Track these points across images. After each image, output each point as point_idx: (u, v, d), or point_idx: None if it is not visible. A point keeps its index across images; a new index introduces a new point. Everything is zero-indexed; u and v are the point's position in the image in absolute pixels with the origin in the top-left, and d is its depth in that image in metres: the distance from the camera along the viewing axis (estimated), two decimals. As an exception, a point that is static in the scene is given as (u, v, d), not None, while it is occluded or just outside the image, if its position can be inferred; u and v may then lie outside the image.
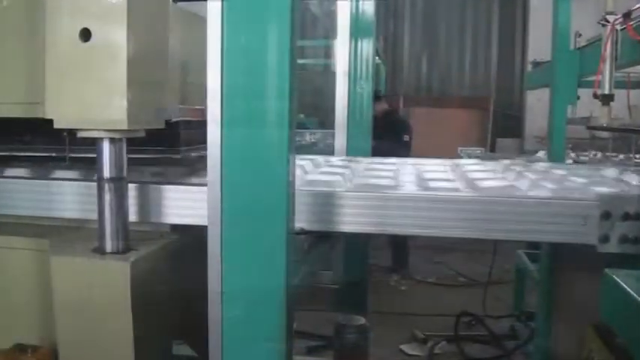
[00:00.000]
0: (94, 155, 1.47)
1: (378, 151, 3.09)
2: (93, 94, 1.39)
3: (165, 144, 1.70)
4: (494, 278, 4.94)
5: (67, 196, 1.63)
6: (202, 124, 1.29)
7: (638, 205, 1.46)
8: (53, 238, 1.64)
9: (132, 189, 1.55)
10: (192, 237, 1.66)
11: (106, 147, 1.44)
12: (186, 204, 1.55)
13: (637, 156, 3.79)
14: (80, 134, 1.44)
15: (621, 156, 3.71)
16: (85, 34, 1.37)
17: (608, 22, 2.48)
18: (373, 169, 2.12)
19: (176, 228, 1.65)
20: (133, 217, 1.56)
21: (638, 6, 2.30)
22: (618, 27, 2.44)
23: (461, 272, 5.92)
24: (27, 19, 1.62)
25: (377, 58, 6.24)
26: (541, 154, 3.80)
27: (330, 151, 2.95)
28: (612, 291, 1.08)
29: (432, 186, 1.67)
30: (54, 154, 1.78)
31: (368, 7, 3.08)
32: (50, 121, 1.43)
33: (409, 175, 1.99)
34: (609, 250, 1.46)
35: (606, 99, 2.56)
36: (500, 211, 1.49)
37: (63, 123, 1.43)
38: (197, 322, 1.44)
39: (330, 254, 2.46)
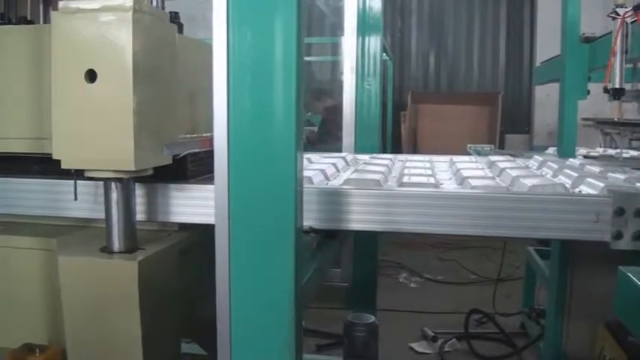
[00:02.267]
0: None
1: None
2: (99, 135, 1.37)
3: (173, 176, 1.64)
4: (505, 275, 4.91)
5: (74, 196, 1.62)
6: (211, 153, 1.27)
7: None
8: (60, 238, 1.63)
9: (139, 188, 1.55)
10: (200, 236, 1.65)
11: (114, 186, 1.44)
12: (193, 203, 1.54)
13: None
14: (87, 174, 1.43)
15: (632, 152, 3.66)
16: (91, 76, 1.35)
17: (618, 15, 2.45)
18: (409, 167, 2.12)
19: (184, 227, 1.64)
20: (140, 216, 1.55)
21: (649, -2, 2.27)
22: (628, 20, 2.41)
23: (471, 269, 5.90)
24: (34, 54, 1.62)
25: (384, 54, 6.23)
26: (551, 150, 3.76)
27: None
28: (627, 289, 1.06)
29: (474, 184, 1.66)
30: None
31: (375, 3, 3.06)
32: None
33: (445, 173, 1.99)
34: (623, 247, 1.44)
35: (617, 93, 2.53)
36: (510, 208, 1.47)
37: (70, 163, 1.42)
38: (206, 320, 1.43)
39: (340, 252, 2.45)
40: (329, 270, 2.31)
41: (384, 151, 3.11)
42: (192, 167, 1.65)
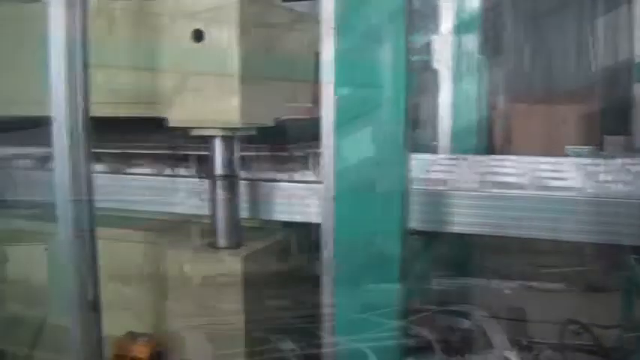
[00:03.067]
0: (207, 153, 1.50)
1: None
2: (206, 94, 1.43)
3: (274, 141, 1.69)
4: (602, 285, 4.68)
5: (182, 193, 1.67)
6: (310, 122, 1.28)
7: None
8: (169, 232, 1.69)
9: (243, 186, 1.58)
10: (301, 233, 1.67)
11: (219, 145, 1.47)
12: (296, 202, 1.55)
13: None
14: (194, 132, 1.48)
15: None
16: (198, 35, 1.40)
17: None
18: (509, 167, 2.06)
19: (286, 224, 1.66)
20: (243, 213, 1.58)
21: None
22: None
23: (567, 277, 5.66)
24: (142, 21, 1.67)
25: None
26: (658, 152, 3.55)
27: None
28: None
29: (589, 188, 1.58)
30: (168, 152, 1.81)
31: (473, 1, 2.99)
32: (164, 120, 1.48)
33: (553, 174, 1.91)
34: None
35: None
36: (619, 214, 1.39)
37: (178, 122, 1.47)
38: (300, 317, 1.45)
39: (438, 255, 2.40)
40: (430, 272, 2.27)
41: (479, 152, 3.02)
42: (292, 132, 1.67)
